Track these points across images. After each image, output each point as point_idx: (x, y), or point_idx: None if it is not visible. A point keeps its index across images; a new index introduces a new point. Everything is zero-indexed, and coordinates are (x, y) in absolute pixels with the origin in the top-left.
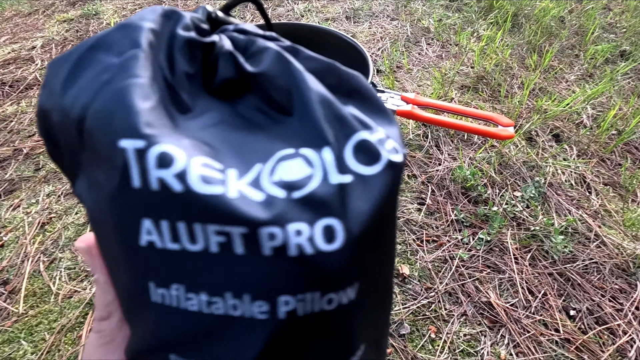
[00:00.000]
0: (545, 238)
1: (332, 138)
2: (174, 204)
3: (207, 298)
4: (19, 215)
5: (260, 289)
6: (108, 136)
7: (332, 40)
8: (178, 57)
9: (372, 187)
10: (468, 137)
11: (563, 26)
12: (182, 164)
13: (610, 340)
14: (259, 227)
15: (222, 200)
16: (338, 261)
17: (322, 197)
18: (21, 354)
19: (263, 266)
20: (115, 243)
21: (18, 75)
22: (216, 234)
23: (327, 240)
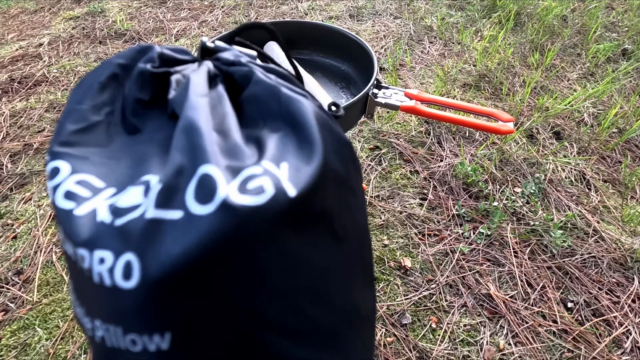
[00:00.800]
0: (544, 233)
1: (172, 168)
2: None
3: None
4: (31, 208)
5: (86, 306)
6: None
7: (337, 38)
8: (131, 86)
9: (195, 229)
10: (469, 134)
11: (565, 25)
12: (60, 178)
13: (606, 331)
14: (76, 246)
15: (67, 215)
16: (134, 301)
17: (131, 230)
18: (36, 339)
19: (84, 284)
20: None
21: (26, 72)
22: (72, 248)
23: (124, 276)
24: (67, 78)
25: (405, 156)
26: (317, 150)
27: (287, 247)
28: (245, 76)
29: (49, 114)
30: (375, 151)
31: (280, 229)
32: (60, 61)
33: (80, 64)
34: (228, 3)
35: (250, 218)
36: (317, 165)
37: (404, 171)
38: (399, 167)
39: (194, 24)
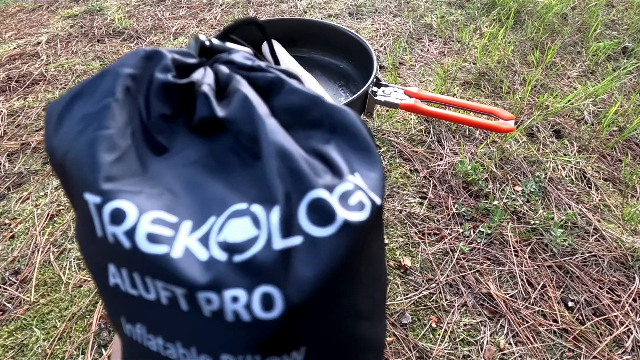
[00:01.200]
0: (545, 232)
1: (282, 196)
2: (126, 257)
3: (162, 342)
4: (28, 208)
5: (204, 345)
6: (78, 187)
7: (336, 36)
8: (154, 100)
9: (321, 251)
10: (469, 133)
11: (565, 23)
12: (132, 221)
13: (607, 330)
14: (196, 290)
15: (164, 260)
16: (277, 328)
17: (262, 264)
18: (33, 340)
19: (205, 325)
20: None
21: (24, 71)
22: (163, 289)
23: (264, 308)
24: (65, 77)
25: (404, 155)
26: (376, 157)
27: (373, 248)
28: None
29: None
30: None
31: (373, 235)
32: (58, 60)
33: (79, 63)
34: (227, 1)
35: (361, 232)
36: (380, 171)
37: (404, 170)
38: (398, 166)
39: (193, 22)
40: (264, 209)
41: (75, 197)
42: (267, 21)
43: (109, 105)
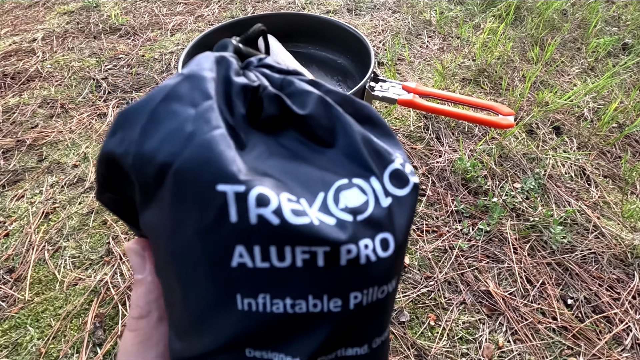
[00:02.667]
0: (544, 229)
1: (376, 169)
2: (269, 233)
3: (291, 301)
4: (23, 205)
5: (337, 290)
6: (203, 181)
7: (333, 30)
8: (236, 101)
9: (405, 206)
10: (469, 129)
11: (565, 19)
12: (276, 202)
13: (606, 328)
14: (340, 245)
15: (310, 227)
16: (389, 263)
17: (378, 218)
18: (28, 339)
19: (340, 273)
20: (200, 265)
21: (19, 67)
22: (302, 252)
23: (383, 249)
24: (61, 73)
25: None
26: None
27: None
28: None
29: (43, 110)
30: None
31: None
32: (54, 56)
33: (75, 59)
34: None
35: (418, 191)
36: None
37: None
38: None
39: (190, 18)
40: (364, 180)
41: (194, 196)
42: (264, 15)
43: (212, 107)
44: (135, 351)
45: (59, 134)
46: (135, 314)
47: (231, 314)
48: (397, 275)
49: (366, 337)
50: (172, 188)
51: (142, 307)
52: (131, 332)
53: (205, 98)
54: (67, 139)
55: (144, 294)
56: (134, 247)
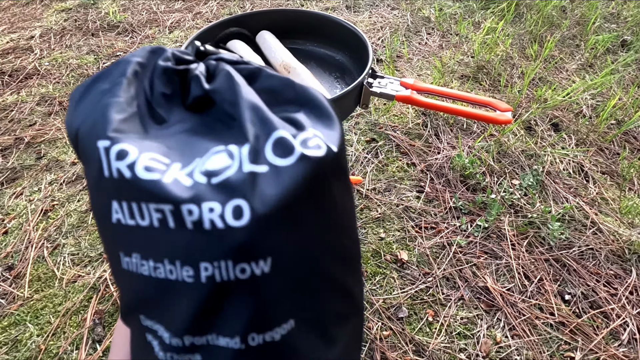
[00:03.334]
0: (542, 225)
1: (252, 136)
2: (127, 188)
3: (153, 264)
4: (22, 203)
5: (186, 257)
6: (91, 139)
7: (331, 27)
8: (156, 81)
9: (283, 175)
10: (467, 126)
11: (564, 16)
12: (133, 158)
13: (604, 323)
14: (180, 204)
15: (157, 184)
16: (245, 235)
17: (234, 182)
18: (27, 335)
19: (187, 237)
20: (98, 223)
21: (17, 65)
22: (155, 210)
23: (235, 217)
24: (58, 71)
25: (402, 148)
26: (335, 121)
27: (334, 191)
28: (254, 72)
29: (41, 108)
30: (372, 143)
31: (331, 177)
32: (52, 54)
33: (72, 57)
34: None
35: (318, 165)
36: (340, 131)
37: (401, 164)
38: (395, 160)
39: (188, 15)
40: (238, 147)
41: (87, 153)
42: (262, 12)
43: (121, 82)
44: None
45: (57, 131)
46: None
47: (121, 273)
48: (271, 256)
49: (237, 329)
50: (78, 150)
51: None
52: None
53: (119, 76)
54: (65, 136)
55: None
56: None
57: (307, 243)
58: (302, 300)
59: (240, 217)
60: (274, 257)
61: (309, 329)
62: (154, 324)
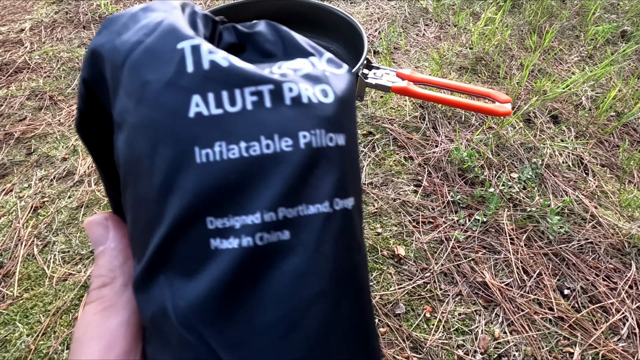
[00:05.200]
0: (541, 219)
1: (315, 53)
2: (221, 78)
3: (245, 144)
4: (12, 200)
5: (286, 128)
6: (167, 44)
7: (324, 16)
8: (199, 22)
9: (342, 78)
10: (465, 119)
11: (564, 6)
12: (225, 54)
13: (603, 318)
14: (281, 83)
15: (255, 69)
16: (333, 109)
17: (316, 75)
18: (17, 335)
19: (286, 112)
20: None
21: (7, 59)
22: (251, 94)
23: (323, 96)
24: (49, 64)
25: (399, 142)
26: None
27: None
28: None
29: (31, 102)
30: (369, 137)
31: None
32: (42, 47)
33: (64, 50)
34: None
35: (355, 79)
36: None
37: (398, 157)
38: (393, 153)
39: None
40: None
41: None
42: (254, 1)
43: (178, 10)
44: (97, 320)
45: (47, 126)
46: (97, 284)
47: (190, 172)
48: (345, 134)
49: (325, 193)
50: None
51: (105, 275)
52: (92, 304)
53: (173, 7)
54: (56, 131)
55: (107, 262)
56: (95, 218)
57: (354, 136)
58: (356, 185)
59: (327, 96)
60: (346, 134)
61: (358, 214)
62: (228, 220)
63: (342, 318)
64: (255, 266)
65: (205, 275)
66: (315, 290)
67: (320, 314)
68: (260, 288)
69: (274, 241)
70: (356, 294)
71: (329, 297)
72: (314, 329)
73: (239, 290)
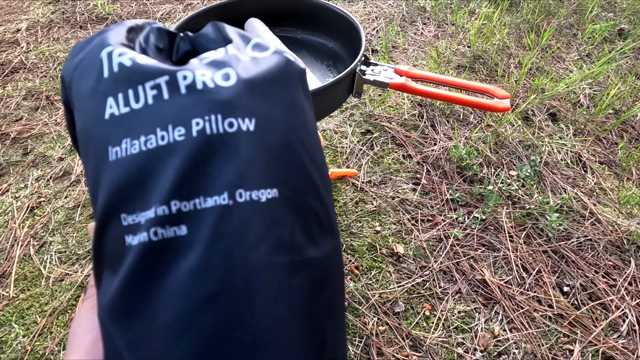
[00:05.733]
0: (540, 216)
1: (237, 39)
2: (126, 77)
3: (144, 138)
4: (8, 200)
5: (178, 118)
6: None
7: (323, 13)
8: (151, 36)
9: (261, 62)
10: (464, 117)
11: (561, 4)
12: (133, 54)
13: (603, 315)
14: (176, 72)
15: (154, 64)
16: (233, 92)
17: (222, 60)
18: (13, 336)
19: (181, 101)
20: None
21: (3, 59)
22: (151, 88)
23: (224, 80)
24: (46, 64)
25: (397, 140)
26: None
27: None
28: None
29: (27, 102)
30: (367, 135)
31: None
32: (39, 47)
33: (60, 50)
34: None
35: (289, 62)
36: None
37: (397, 155)
38: (391, 152)
39: (179, 7)
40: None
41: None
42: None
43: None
44: (90, 315)
45: (44, 126)
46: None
47: (105, 170)
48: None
49: (225, 184)
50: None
51: None
52: (87, 300)
53: (119, 26)
54: (52, 131)
55: None
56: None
57: (282, 121)
58: (284, 175)
59: (228, 80)
60: (257, 118)
61: (290, 209)
62: (136, 215)
63: (244, 321)
64: (154, 264)
65: (119, 273)
66: (210, 292)
67: (215, 316)
68: (160, 286)
69: (171, 236)
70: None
71: (226, 299)
72: (210, 332)
73: (141, 289)
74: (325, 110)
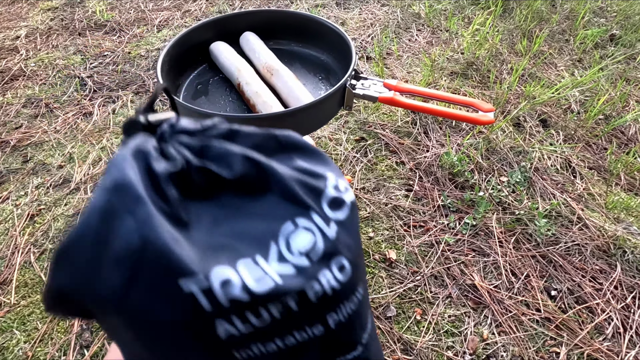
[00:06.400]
0: (529, 222)
1: (313, 203)
2: (242, 306)
3: (281, 342)
4: (8, 208)
5: (315, 319)
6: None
7: (315, 27)
8: (167, 188)
9: (348, 225)
10: (456, 124)
11: (554, 10)
12: (238, 280)
13: (589, 318)
14: (305, 290)
15: (276, 289)
16: (349, 279)
17: (330, 250)
18: (14, 342)
19: (313, 308)
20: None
21: (2, 66)
22: (275, 307)
23: (341, 272)
24: (45, 72)
25: (391, 147)
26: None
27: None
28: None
29: (27, 110)
30: (361, 142)
31: None
32: (38, 54)
33: (59, 57)
34: None
35: (355, 204)
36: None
37: (390, 162)
38: (384, 158)
39: (177, 14)
40: (306, 218)
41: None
42: (244, 13)
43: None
44: None
45: (43, 134)
46: None
47: None
48: (362, 281)
49: (355, 339)
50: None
51: None
52: None
53: (138, 203)
54: (52, 139)
55: None
56: None
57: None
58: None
59: (344, 270)
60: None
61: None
62: None
63: None
64: None
65: None
66: None
67: None
68: None
69: None
70: None
71: None
72: None
73: None
74: (317, 124)
